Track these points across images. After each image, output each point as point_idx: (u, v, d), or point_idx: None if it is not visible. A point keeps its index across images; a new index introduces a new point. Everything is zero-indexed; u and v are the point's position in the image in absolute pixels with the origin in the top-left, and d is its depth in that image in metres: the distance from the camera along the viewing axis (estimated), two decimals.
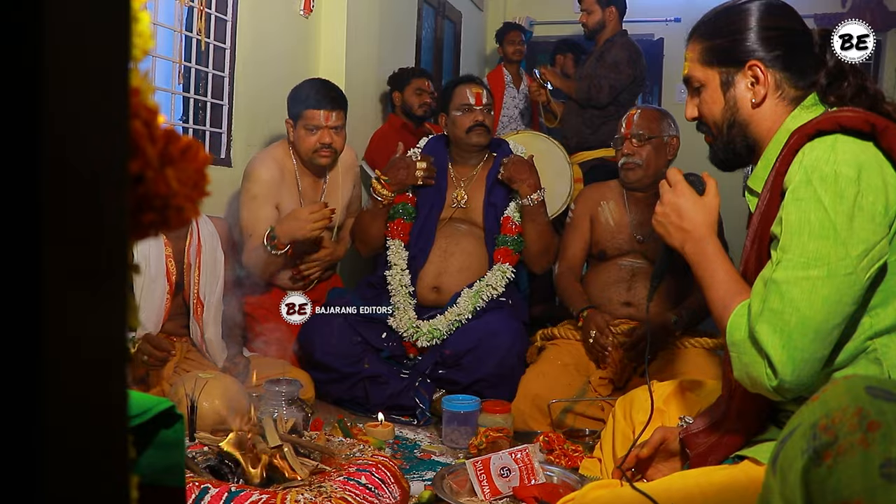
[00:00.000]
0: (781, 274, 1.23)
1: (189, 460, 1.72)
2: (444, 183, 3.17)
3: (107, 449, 0.44)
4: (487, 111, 3.12)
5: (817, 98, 1.44)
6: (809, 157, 1.26)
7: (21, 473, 0.38)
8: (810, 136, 1.29)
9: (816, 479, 0.76)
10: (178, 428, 0.86)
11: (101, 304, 0.42)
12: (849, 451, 0.74)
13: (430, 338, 2.85)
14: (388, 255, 3.07)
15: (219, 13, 3.38)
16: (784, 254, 1.24)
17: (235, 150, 3.53)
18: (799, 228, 1.23)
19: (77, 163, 0.39)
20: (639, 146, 2.78)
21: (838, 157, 1.24)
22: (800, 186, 1.25)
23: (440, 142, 3.26)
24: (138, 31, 0.46)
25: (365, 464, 1.78)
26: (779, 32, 1.45)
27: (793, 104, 1.44)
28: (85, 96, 0.39)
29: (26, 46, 0.36)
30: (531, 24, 6.36)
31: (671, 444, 1.60)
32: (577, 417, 2.49)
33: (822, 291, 1.20)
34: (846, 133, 1.26)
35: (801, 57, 1.44)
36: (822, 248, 1.21)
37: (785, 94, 1.44)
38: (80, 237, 0.40)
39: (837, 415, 0.77)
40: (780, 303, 1.22)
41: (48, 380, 0.38)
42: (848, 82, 1.40)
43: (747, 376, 1.28)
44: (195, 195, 0.49)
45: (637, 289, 2.81)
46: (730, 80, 1.48)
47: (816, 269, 1.21)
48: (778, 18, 1.46)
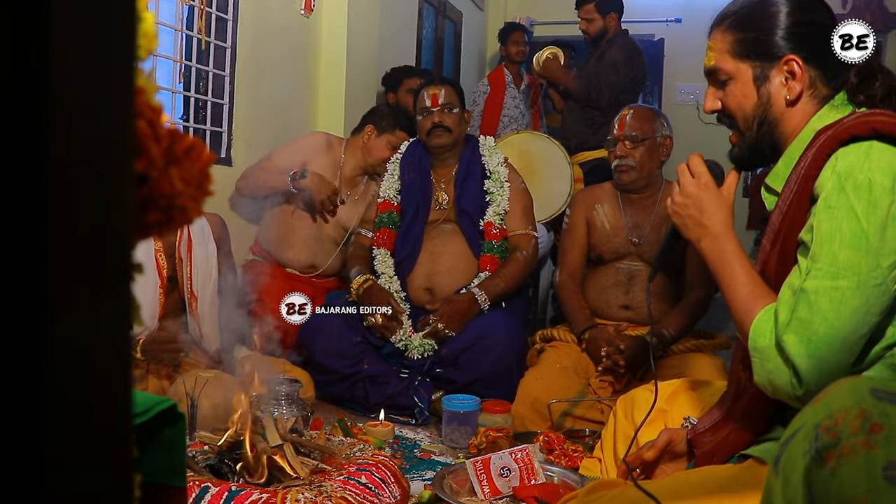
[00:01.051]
0: (811, 283, 1.21)
1: (189, 459, 1.73)
2: (427, 186, 3.13)
3: (110, 447, 0.44)
4: (448, 110, 3.05)
5: (846, 97, 1.40)
6: (843, 164, 1.23)
7: (26, 472, 0.38)
8: (843, 141, 1.25)
9: (819, 481, 0.76)
10: (180, 427, 0.86)
11: (105, 302, 0.42)
12: (851, 453, 0.74)
13: (422, 351, 2.85)
14: (375, 265, 3.05)
15: (220, 12, 3.38)
16: (814, 263, 1.22)
17: (236, 150, 3.53)
18: (830, 237, 1.21)
19: (82, 162, 0.39)
20: (632, 148, 2.76)
21: (872, 164, 1.21)
22: (832, 194, 1.22)
23: (419, 146, 3.21)
24: (143, 30, 0.47)
25: (365, 463, 1.78)
26: (812, 28, 1.40)
27: (822, 103, 1.41)
28: (90, 96, 0.40)
29: (32, 46, 0.36)
30: (531, 25, 6.36)
31: (677, 446, 1.59)
32: (577, 420, 2.48)
33: (851, 302, 1.18)
34: (881, 139, 1.23)
35: (833, 54, 1.38)
36: (852, 259, 1.19)
37: (817, 93, 1.41)
38: (84, 237, 0.40)
39: (840, 416, 0.77)
40: (809, 313, 1.20)
41: (53, 378, 0.39)
42: (879, 82, 1.36)
43: (770, 383, 1.26)
44: (199, 195, 0.50)
45: (635, 292, 2.79)
46: (764, 75, 1.43)
47: (846, 279, 1.19)
48: (811, 13, 1.42)
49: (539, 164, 4.00)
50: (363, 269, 3.01)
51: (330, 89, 4.18)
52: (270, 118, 3.75)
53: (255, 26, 3.54)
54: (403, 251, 3.06)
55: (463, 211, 3.05)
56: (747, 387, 1.39)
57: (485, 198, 3.06)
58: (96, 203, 0.40)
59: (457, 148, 3.13)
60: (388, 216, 3.12)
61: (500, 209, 3.02)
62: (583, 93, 4.27)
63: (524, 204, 3.09)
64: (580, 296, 2.85)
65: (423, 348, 2.84)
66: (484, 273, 2.96)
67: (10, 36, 0.36)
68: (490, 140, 3.20)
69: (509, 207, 3.04)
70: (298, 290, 2.73)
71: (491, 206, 3.03)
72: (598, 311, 2.82)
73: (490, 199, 3.05)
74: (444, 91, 3.08)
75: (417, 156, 3.18)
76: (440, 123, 3.05)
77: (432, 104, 3.05)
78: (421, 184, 3.12)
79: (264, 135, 3.69)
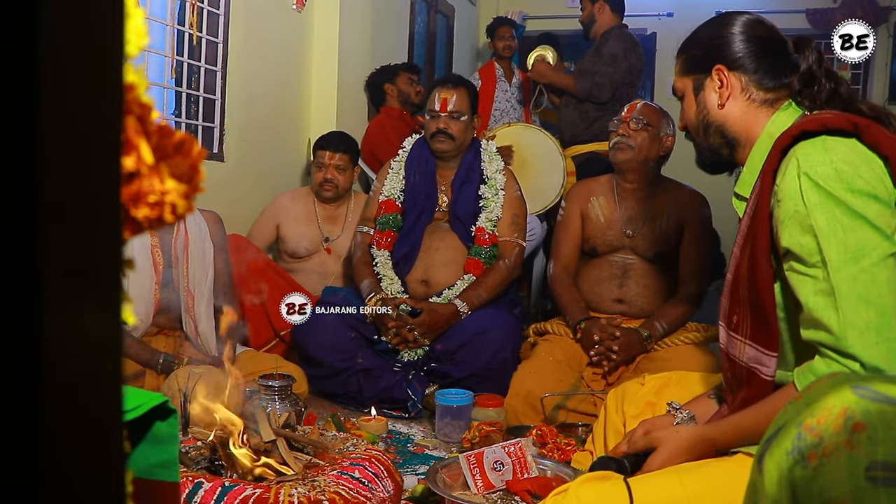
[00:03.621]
0: (837, 276, 1.22)
1: (182, 455, 1.72)
2: (432, 191, 3.11)
3: (102, 443, 0.44)
4: (455, 118, 3.03)
5: (793, 102, 1.50)
6: (805, 162, 1.27)
7: (18, 468, 0.38)
8: (795, 136, 1.32)
9: (802, 481, 0.75)
10: (172, 422, 0.87)
11: (96, 300, 0.42)
12: (834, 452, 0.74)
13: (414, 355, 2.86)
14: (377, 268, 3.03)
15: (211, 7, 3.37)
16: (829, 258, 1.23)
17: (228, 145, 3.52)
18: (832, 229, 1.23)
19: (71, 160, 0.39)
20: (635, 130, 2.77)
21: (833, 156, 1.26)
22: (810, 192, 1.26)
23: (425, 145, 3.18)
24: (133, 27, 0.47)
25: (358, 458, 1.78)
26: (747, 40, 1.52)
27: (765, 106, 1.51)
28: (79, 93, 0.40)
29: (22, 44, 0.36)
30: (524, 19, 6.34)
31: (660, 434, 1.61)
32: (570, 413, 2.49)
33: (882, 275, 1.20)
34: (831, 133, 1.30)
35: (769, 61, 1.50)
36: (861, 238, 1.22)
37: (754, 97, 1.51)
38: (74, 234, 0.40)
39: (822, 415, 0.77)
40: (852, 304, 1.20)
41: (45, 376, 0.39)
42: (820, 86, 1.47)
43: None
44: (190, 191, 0.50)
45: (629, 285, 2.80)
46: (699, 86, 1.58)
47: (866, 258, 1.21)
48: (749, 28, 1.54)
49: (531, 155, 4.00)
50: (373, 284, 2.98)
51: (322, 84, 4.17)
52: (262, 113, 3.74)
53: (247, 21, 3.54)
54: (402, 250, 3.05)
55: (456, 217, 3.06)
56: (738, 387, 1.40)
57: (479, 203, 3.06)
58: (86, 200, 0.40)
59: (460, 152, 3.11)
60: (392, 218, 3.09)
61: (493, 216, 3.02)
62: (585, 91, 4.25)
63: (515, 212, 3.08)
64: (574, 288, 2.86)
65: (415, 353, 2.85)
66: (468, 276, 2.96)
67: (1, 34, 0.36)
68: (492, 145, 3.19)
69: (502, 214, 3.04)
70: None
71: (484, 211, 3.03)
72: (592, 304, 2.83)
73: (484, 205, 3.04)
74: (455, 97, 3.04)
75: (424, 156, 3.14)
76: (445, 130, 3.03)
77: (441, 108, 3.03)
78: (426, 188, 3.10)
79: (256, 130, 3.69)
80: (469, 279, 2.95)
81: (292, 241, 3.49)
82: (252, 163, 3.69)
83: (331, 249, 3.51)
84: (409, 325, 2.82)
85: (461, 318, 2.85)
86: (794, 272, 1.29)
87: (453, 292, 2.92)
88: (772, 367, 1.34)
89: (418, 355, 2.85)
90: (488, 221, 3.01)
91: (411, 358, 2.85)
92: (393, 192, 3.13)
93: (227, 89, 3.48)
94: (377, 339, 2.89)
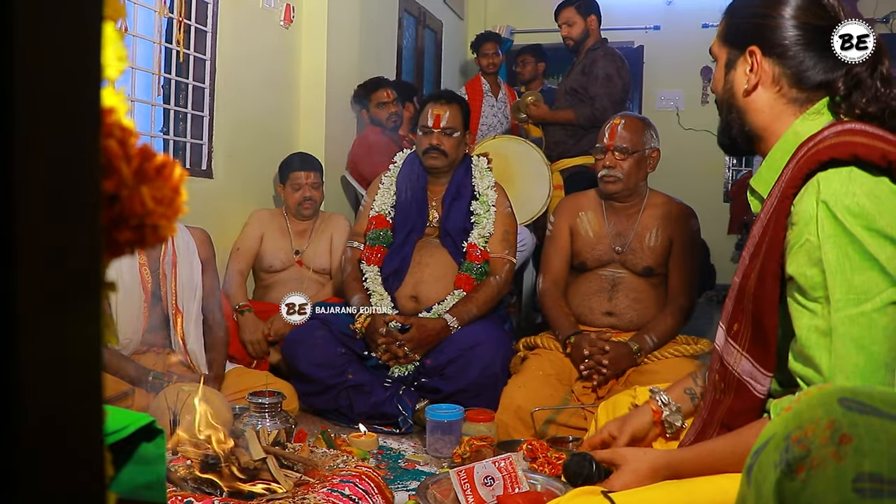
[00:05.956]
0: (837, 317, 1.19)
1: (172, 474, 1.71)
2: (423, 207, 3.11)
3: (83, 467, 0.44)
4: (448, 134, 3.03)
5: (827, 104, 1.37)
6: (827, 189, 1.21)
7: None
8: (823, 163, 1.23)
9: (790, 493, 0.76)
10: (159, 443, 0.86)
11: (76, 323, 0.42)
12: (821, 464, 0.74)
13: (404, 370, 2.85)
14: (366, 284, 3.03)
15: (199, 24, 3.38)
16: (832, 296, 1.20)
17: (216, 161, 3.52)
18: (840, 266, 1.19)
19: (49, 184, 0.39)
20: (621, 159, 2.76)
21: (856, 188, 1.20)
22: (826, 223, 1.20)
23: (417, 161, 3.17)
24: (112, 50, 0.47)
25: (349, 475, 1.78)
26: (797, 26, 1.36)
27: (795, 105, 1.39)
28: (56, 117, 0.40)
29: None
30: (511, 33, 6.38)
31: (635, 432, 1.63)
32: (560, 427, 2.48)
33: (880, 322, 1.17)
34: (860, 166, 1.21)
35: (812, 57, 1.35)
36: (868, 280, 1.17)
37: (784, 92, 1.39)
38: (53, 258, 0.40)
39: (810, 427, 0.77)
40: (845, 347, 1.18)
41: (23, 399, 0.39)
42: (868, 97, 1.31)
43: None
44: (171, 213, 0.50)
45: (618, 299, 2.81)
46: (732, 62, 1.44)
47: (869, 302, 1.17)
48: (804, 12, 1.37)
49: (517, 167, 4.02)
50: (363, 300, 2.97)
51: (310, 99, 4.18)
52: (251, 130, 3.74)
53: (235, 38, 3.54)
54: (392, 265, 3.04)
55: (447, 232, 3.05)
56: (724, 393, 1.40)
57: (470, 219, 3.06)
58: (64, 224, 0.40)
59: (452, 167, 3.11)
60: (382, 234, 3.09)
61: (485, 232, 3.02)
62: (588, 119, 4.23)
63: (506, 228, 3.08)
64: (564, 303, 2.85)
65: (405, 368, 2.85)
66: (458, 291, 2.96)
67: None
68: (483, 161, 3.19)
69: (493, 230, 3.04)
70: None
71: (476, 227, 3.03)
72: (582, 317, 2.83)
73: (476, 221, 3.05)
74: (448, 113, 3.04)
75: (415, 172, 3.14)
76: (437, 146, 3.03)
77: (434, 125, 3.03)
78: (417, 204, 3.09)
79: (245, 146, 3.69)
80: (459, 295, 2.95)
81: (269, 256, 3.56)
82: (240, 179, 3.69)
83: (301, 261, 3.59)
84: (399, 341, 2.81)
85: (451, 332, 2.84)
86: (795, 301, 1.26)
87: (443, 308, 2.91)
88: (766, 385, 1.33)
89: (408, 371, 2.85)
90: (480, 238, 3.01)
91: (401, 373, 2.85)
92: (384, 208, 3.13)
93: (215, 106, 3.48)
94: (367, 354, 2.88)
